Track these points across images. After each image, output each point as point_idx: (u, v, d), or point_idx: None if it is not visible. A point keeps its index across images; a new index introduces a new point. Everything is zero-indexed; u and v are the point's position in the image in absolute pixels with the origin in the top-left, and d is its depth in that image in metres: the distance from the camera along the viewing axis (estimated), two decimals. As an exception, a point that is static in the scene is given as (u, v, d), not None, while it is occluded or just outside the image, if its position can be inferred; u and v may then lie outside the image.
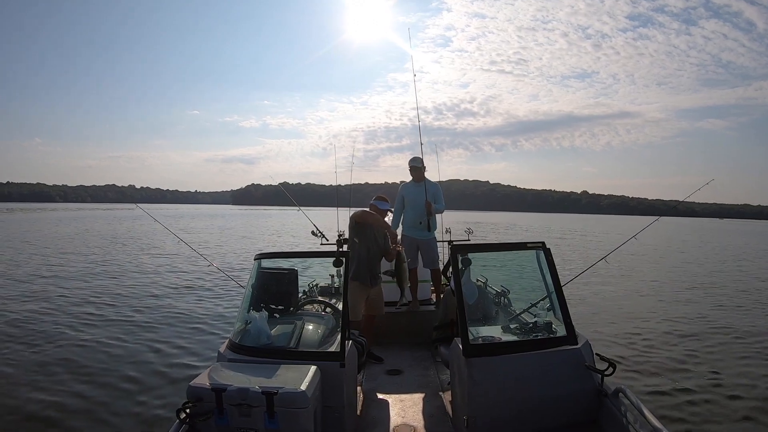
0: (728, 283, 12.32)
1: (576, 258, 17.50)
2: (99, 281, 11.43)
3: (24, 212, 61.19)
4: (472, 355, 2.60)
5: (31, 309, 8.29)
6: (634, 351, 6.08)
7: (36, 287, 10.48)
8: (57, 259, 15.35)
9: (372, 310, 4.25)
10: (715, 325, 7.48)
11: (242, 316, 3.11)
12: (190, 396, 2.30)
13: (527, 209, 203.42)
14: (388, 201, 4.53)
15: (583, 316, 7.72)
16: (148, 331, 6.88)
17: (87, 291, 10.12)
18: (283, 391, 2.24)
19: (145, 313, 8.02)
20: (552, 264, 2.97)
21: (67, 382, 4.92)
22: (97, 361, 5.53)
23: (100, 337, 6.56)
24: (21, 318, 7.54)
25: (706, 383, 4.98)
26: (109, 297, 9.43)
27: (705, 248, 25.69)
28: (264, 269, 3.48)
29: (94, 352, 5.88)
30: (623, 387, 2.54)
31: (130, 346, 6.15)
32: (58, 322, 7.31)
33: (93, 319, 7.53)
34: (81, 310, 8.24)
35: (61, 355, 5.72)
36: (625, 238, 4.28)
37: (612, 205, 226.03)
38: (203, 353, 5.85)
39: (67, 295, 9.57)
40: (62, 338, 6.45)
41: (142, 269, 13.57)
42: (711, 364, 5.58)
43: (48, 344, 6.18)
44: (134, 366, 5.39)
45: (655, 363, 5.61)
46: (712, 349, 6.17)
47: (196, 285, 10.92)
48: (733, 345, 6.39)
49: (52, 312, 8.05)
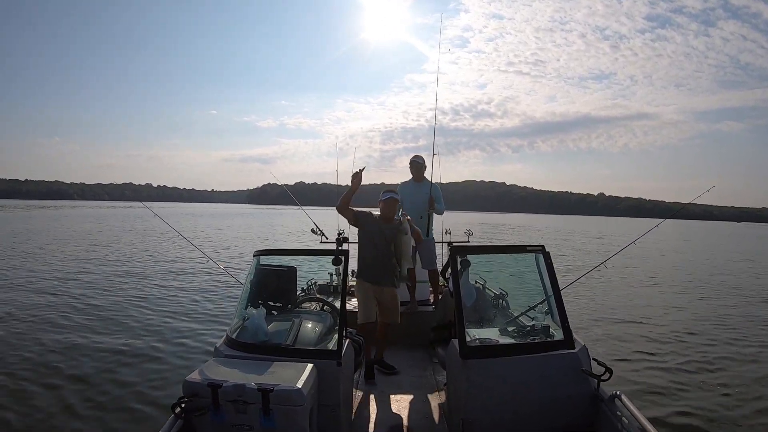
0: (729, 288, 12.29)
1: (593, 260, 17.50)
2: (97, 276, 11.44)
3: (38, 209, 61.38)
4: (468, 357, 2.59)
5: (27, 304, 8.29)
6: (631, 356, 6.09)
7: (33, 283, 10.49)
8: (59, 255, 15.39)
9: (383, 316, 3.84)
10: (714, 332, 7.48)
11: (240, 313, 3.11)
12: (185, 391, 2.30)
13: (544, 211, 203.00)
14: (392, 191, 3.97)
15: (581, 320, 7.72)
16: (144, 326, 6.88)
17: (84, 286, 10.13)
18: (279, 389, 2.23)
19: (142, 308, 8.02)
20: (551, 267, 2.97)
21: (62, 376, 4.91)
22: (92, 356, 5.53)
23: (96, 331, 6.56)
24: (17, 313, 7.54)
25: (703, 390, 4.99)
26: (107, 291, 9.45)
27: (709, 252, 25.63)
28: (263, 266, 3.48)
29: (90, 346, 5.88)
30: (619, 392, 2.54)
31: (126, 340, 6.14)
32: (55, 318, 7.32)
33: (89, 314, 7.54)
34: (77, 305, 8.25)
35: (56, 350, 5.71)
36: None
37: (629, 208, 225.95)
38: (200, 348, 5.85)
39: (63, 290, 9.58)
40: (57, 333, 6.45)
41: (143, 264, 13.60)
42: (709, 371, 5.58)
43: (43, 338, 6.18)
44: (130, 360, 5.39)
45: (651, 369, 5.61)
46: (710, 356, 6.17)
47: (194, 280, 10.94)
48: (731, 351, 6.38)
49: (48, 307, 8.06)
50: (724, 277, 15.05)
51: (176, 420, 2.26)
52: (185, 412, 2.24)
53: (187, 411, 2.25)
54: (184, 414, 2.24)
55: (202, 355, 5.50)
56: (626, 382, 4.94)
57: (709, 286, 12.77)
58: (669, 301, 10.32)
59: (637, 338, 6.98)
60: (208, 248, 17.66)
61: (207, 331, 6.70)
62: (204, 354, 5.47)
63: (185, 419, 2.27)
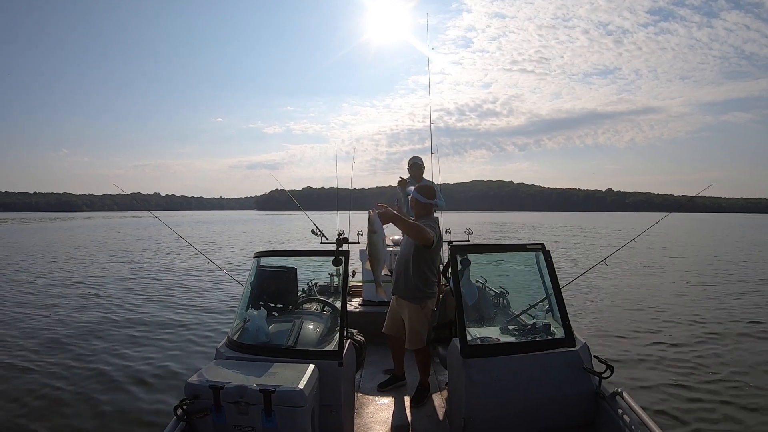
0: (731, 283, 12.25)
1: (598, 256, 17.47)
2: (100, 279, 11.45)
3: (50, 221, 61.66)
4: (470, 356, 2.60)
5: (31, 308, 8.30)
6: (632, 353, 6.08)
7: (38, 288, 10.49)
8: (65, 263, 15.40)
9: (401, 331, 3.41)
10: (715, 328, 7.46)
11: (241, 314, 3.11)
12: (187, 393, 2.30)
13: (552, 208, 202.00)
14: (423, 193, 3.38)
15: (581, 318, 7.72)
16: (146, 328, 6.89)
17: (89, 289, 10.13)
18: (280, 390, 2.23)
19: (145, 310, 8.03)
20: (551, 266, 2.98)
21: (65, 378, 4.92)
22: (95, 358, 5.54)
23: (98, 334, 6.57)
24: (20, 318, 7.55)
25: (705, 386, 4.98)
26: (110, 293, 9.45)
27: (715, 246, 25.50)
28: (263, 267, 3.48)
29: (93, 348, 5.89)
30: (621, 389, 2.54)
31: (128, 342, 6.15)
32: (57, 321, 7.32)
33: (92, 317, 7.54)
34: (81, 307, 8.25)
35: (60, 352, 5.72)
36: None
37: (637, 203, 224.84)
38: (202, 350, 5.85)
39: (68, 293, 9.58)
40: (61, 336, 6.46)
41: (147, 268, 13.62)
42: (710, 367, 5.57)
43: (46, 341, 6.18)
44: (132, 362, 5.40)
45: (653, 365, 5.61)
46: (711, 352, 6.16)
47: (196, 283, 10.94)
48: (733, 347, 6.37)
49: (51, 310, 8.06)
50: (730, 270, 14.93)
51: (178, 422, 2.27)
52: (187, 414, 2.25)
53: (189, 413, 2.25)
54: (186, 416, 2.25)
55: (204, 357, 5.50)
56: (628, 379, 4.93)
57: (714, 281, 12.72)
58: (671, 297, 10.30)
59: (638, 335, 6.97)
60: (220, 253, 17.78)
61: (209, 333, 6.70)
62: (206, 356, 5.47)
63: (187, 421, 2.27)
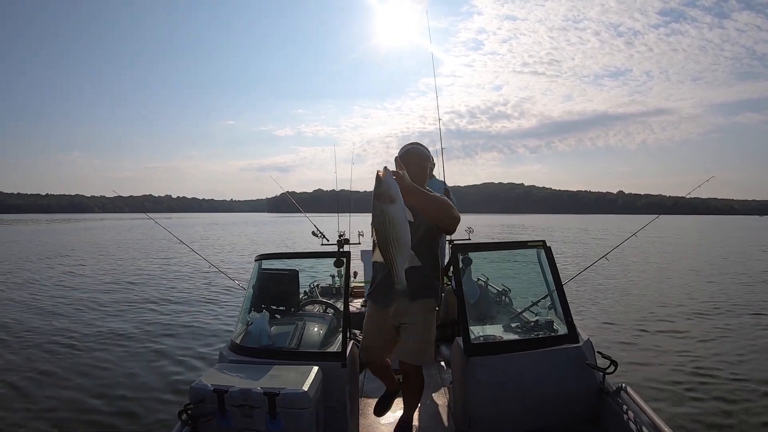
0: (734, 280, 12.25)
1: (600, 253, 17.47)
2: (104, 285, 11.46)
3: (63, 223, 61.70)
4: (473, 354, 2.60)
5: (34, 314, 8.30)
6: (636, 349, 6.07)
7: (38, 293, 10.49)
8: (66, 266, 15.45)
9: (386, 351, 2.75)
10: (720, 323, 7.46)
11: (243, 317, 3.12)
12: (192, 397, 2.30)
13: (563, 211, 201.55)
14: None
15: (584, 315, 7.72)
16: (150, 333, 6.88)
17: (91, 295, 10.13)
18: (284, 392, 2.24)
19: (147, 315, 8.03)
20: (553, 262, 2.98)
21: (69, 383, 4.92)
22: (99, 363, 5.53)
23: (101, 338, 6.56)
24: (24, 322, 7.55)
25: (709, 381, 4.96)
26: (112, 299, 9.45)
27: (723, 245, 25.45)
28: (264, 270, 3.48)
29: (96, 353, 5.89)
30: (625, 385, 2.54)
31: (131, 347, 6.15)
32: (60, 325, 7.32)
33: (95, 321, 7.54)
34: (84, 312, 8.25)
35: (63, 357, 5.72)
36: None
37: (649, 205, 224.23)
38: (206, 354, 5.85)
39: (70, 299, 9.59)
40: (64, 340, 6.45)
41: (148, 273, 13.63)
42: (714, 362, 5.56)
43: (50, 346, 6.18)
44: (136, 367, 5.39)
45: (657, 360, 5.60)
46: (715, 347, 6.16)
47: (199, 287, 10.94)
48: (737, 342, 6.37)
49: (55, 316, 8.07)
50: (738, 269, 14.88)
51: (183, 426, 2.27)
52: (192, 419, 2.25)
53: (193, 417, 2.25)
54: (190, 420, 2.25)
55: (208, 361, 5.50)
56: (632, 375, 4.92)
57: (720, 279, 12.69)
58: (675, 293, 10.30)
59: (642, 330, 6.97)
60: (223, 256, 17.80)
61: (212, 336, 6.70)
62: (209, 360, 5.47)
63: (192, 425, 2.27)
